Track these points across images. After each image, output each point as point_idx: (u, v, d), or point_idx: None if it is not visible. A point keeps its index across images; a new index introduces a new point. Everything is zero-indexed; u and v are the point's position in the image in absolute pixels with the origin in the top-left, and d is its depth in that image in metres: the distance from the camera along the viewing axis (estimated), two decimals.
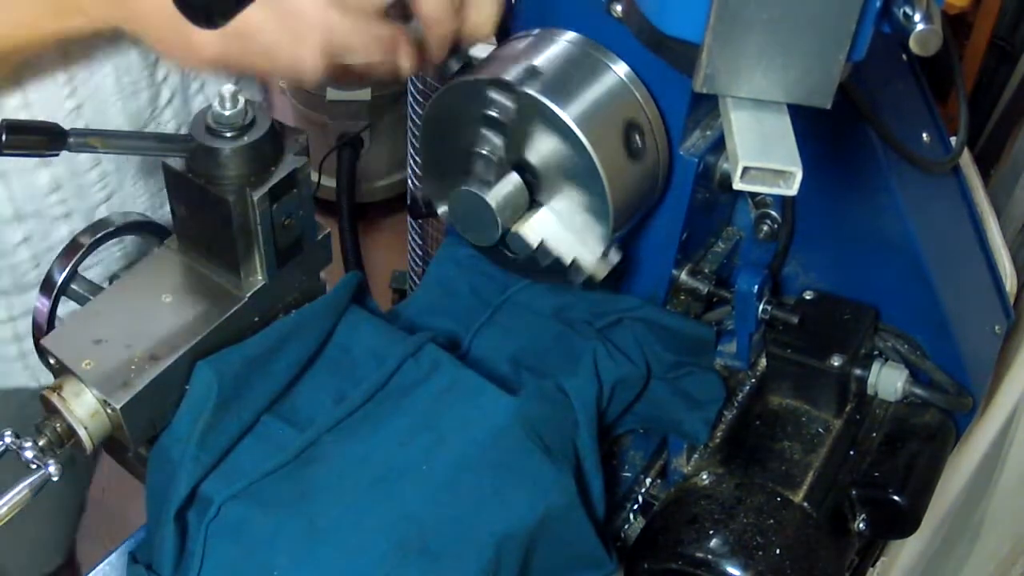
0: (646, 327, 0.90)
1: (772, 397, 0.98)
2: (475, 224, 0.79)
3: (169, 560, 0.74)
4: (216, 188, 0.73)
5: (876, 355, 0.99)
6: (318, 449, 0.77)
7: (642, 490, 0.97)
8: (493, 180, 0.79)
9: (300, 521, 0.73)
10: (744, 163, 0.64)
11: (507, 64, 0.78)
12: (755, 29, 0.63)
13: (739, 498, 0.89)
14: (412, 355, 0.82)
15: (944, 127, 1.00)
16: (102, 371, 0.73)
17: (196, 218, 0.77)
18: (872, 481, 0.92)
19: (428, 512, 0.74)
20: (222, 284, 0.78)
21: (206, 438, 0.74)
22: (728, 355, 0.97)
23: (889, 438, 0.96)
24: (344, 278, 0.83)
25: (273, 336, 0.78)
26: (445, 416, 0.79)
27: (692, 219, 0.89)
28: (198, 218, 0.77)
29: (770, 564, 0.84)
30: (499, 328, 0.90)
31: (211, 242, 0.78)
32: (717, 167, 0.88)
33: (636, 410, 0.90)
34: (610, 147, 0.78)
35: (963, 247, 1.04)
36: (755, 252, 1.00)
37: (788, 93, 0.65)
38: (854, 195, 0.94)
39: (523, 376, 0.86)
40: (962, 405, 0.98)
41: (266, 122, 0.74)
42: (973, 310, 1.04)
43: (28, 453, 0.72)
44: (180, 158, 0.74)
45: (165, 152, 0.75)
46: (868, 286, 0.98)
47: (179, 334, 0.75)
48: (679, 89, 0.81)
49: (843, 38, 0.63)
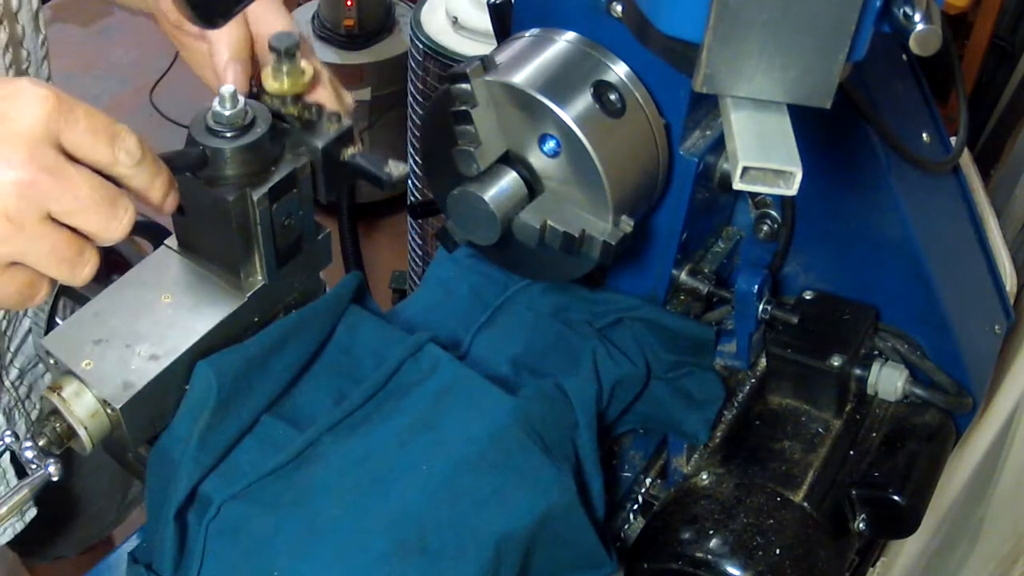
0: (646, 327, 0.90)
1: (772, 397, 0.98)
2: (475, 224, 0.79)
3: (169, 560, 0.74)
4: (216, 188, 0.73)
5: (876, 355, 0.99)
6: (318, 449, 0.77)
7: (642, 490, 0.97)
8: (487, 178, 0.79)
9: (300, 521, 0.73)
10: (744, 163, 0.64)
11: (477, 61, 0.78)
12: (755, 29, 0.63)
13: (739, 498, 0.89)
14: (412, 355, 0.82)
15: (944, 127, 1.00)
16: (102, 371, 0.73)
17: (196, 218, 0.77)
18: (872, 481, 0.92)
19: (428, 512, 0.74)
20: (222, 284, 0.78)
21: (206, 438, 0.74)
22: (728, 355, 0.97)
23: (889, 438, 0.96)
24: (344, 278, 0.83)
25: (273, 336, 0.78)
26: (445, 416, 0.79)
27: (692, 219, 0.89)
28: (198, 218, 0.77)
29: (770, 564, 0.84)
30: (499, 328, 0.90)
31: (211, 242, 0.78)
32: (717, 167, 0.88)
33: (636, 410, 0.90)
34: (582, 109, 0.77)
35: (963, 247, 1.04)
36: (755, 252, 1.00)
37: (788, 93, 0.65)
38: (854, 195, 0.94)
39: (523, 376, 0.86)
40: (962, 405, 0.98)
41: (266, 122, 0.74)
42: (973, 310, 1.04)
43: (28, 453, 0.72)
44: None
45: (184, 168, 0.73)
46: (868, 286, 0.98)
47: (179, 334, 0.75)
48: (679, 89, 0.81)
49: (843, 38, 0.63)
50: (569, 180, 0.79)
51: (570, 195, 0.79)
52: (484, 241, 0.80)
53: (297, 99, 0.77)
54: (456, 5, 2.13)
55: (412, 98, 2.22)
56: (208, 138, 0.72)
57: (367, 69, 2.73)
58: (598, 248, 0.78)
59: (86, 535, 1.50)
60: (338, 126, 0.78)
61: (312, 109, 0.78)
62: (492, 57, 0.79)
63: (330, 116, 0.78)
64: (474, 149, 0.77)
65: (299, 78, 0.77)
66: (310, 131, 0.77)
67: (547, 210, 0.79)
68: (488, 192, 0.78)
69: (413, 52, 2.14)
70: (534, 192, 0.80)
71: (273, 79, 0.76)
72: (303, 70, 0.77)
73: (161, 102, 3.32)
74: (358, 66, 2.73)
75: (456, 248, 0.84)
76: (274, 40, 0.76)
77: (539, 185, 0.80)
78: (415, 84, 2.17)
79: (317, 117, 0.78)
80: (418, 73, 2.13)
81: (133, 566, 0.78)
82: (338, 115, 0.78)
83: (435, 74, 2.08)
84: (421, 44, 2.09)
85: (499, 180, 0.79)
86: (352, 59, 2.72)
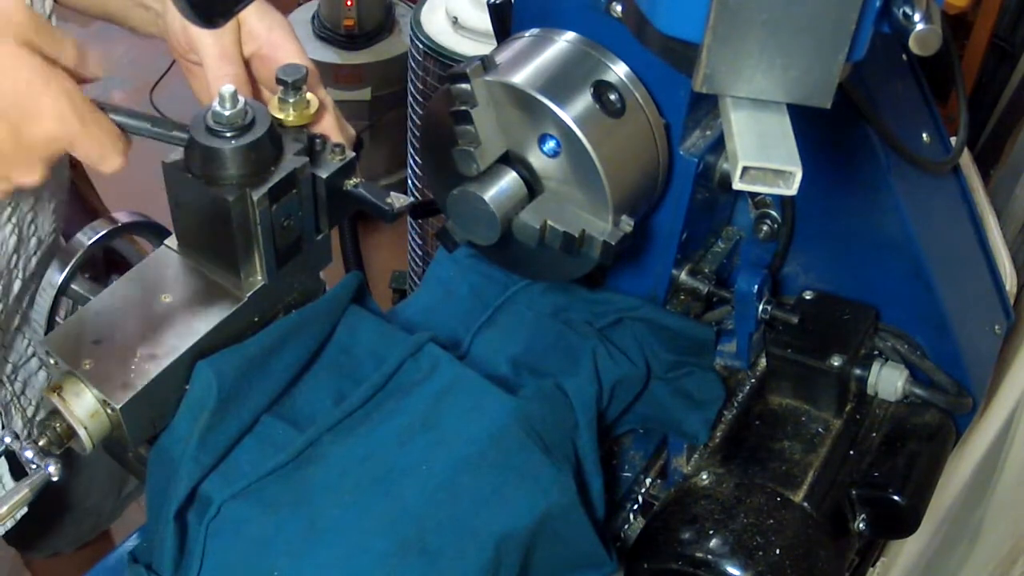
0: (646, 327, 0.90)
1: (772, 397, 0.98)
2: (475, 224, 0.79)
3: (169, 560, 0.74)
4: (216, 188, 0.73)
5: (876, 355, 0.99)
6: (318, 449, 0.77)
7: (642, 490, 0.97)
8: (487, 178, 0.79)
9: (300, 521, 0.73)
10: (744, 163, 0.64)
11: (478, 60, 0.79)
12: (755, 29, 0.63)
13: (739, 498, 0.89)
14: (412, 355, 0.82)
15: (944, 127, 1.00)
16: (102, 371, 0.73)
17: (196, 218, 0.77)
18: (872, 481, 0.92)
19: (428, 512, 0.74)
20: (222, 284, 0.78)
21: (206, 438, 0.74)
22: (728, 355, 0.97)
23: (889, 438, 0.96)
24: (344, 278, 0.83)
25: (273, 336, 0.78)
26: (445, 416, 0.79)
27: (692, 219, 0.89)
28: (198, 218, 0.77)
29: (770, 564, 0.84)
30: (499, 328, 0.90)
31: (211, 242, 0.78)
32: (717, 167, 0.88)
33: (636, 410, 0.90)
34: (582, 109, 0.78)
35: (963, 247, 1.04)
36: (755, 252, 1.00)
37: (788, 93, 0.65)
38: (854, 195, 0.94)
39: (523, 376, 0.86)
40: (962, 405, 0.98)
41: (266, 122, 0.74)
42: (973, 310, 1.04)
43: (28, 453, 0.72)
44: (178, 143, 0.74)
45: (160, 136, 0.75)
46: (868, 286, 0.98)
47: (179, 334, 0.75)
48: (679, 89, 0.81)
49: (843, 38, 0.63)
50: (569, 180, 0.79)
51: (570, 195, 0.79)
52: (484, 241, 0.80)
53: (302, 130, 0.78)
54: (456, 5, 2.13)
55: (412, 98, 2.22)
56: (208, 138, 0.72)
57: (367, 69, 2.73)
58: (598, 248, 0.78)
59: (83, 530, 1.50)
60: (342, 157, 0.79)
61: (317, 140, 0.79)
62: (492, 57, 0.79)
63: (334, 147, 0.79)
64: (474, 149, 0.77)
65: (305, 109, 0.78)
66: (314, 162, 0.78)
67: (547, 210, 0.79)
68: (488, 192, 0.78)
69: (413, 52, 2.14)
70: (534, 192, 0.80)
71: (279, 110, 0.77)
72: (309, 101, 0.78)
73: (161, 102, 3.32)
74: (358, 66, 2.72)
75: (456, 248, 0.84)
76: (282, 72, 0.77)
77: (539, 185, 0.80)
78: (415, 84, 2.17)
79: (321, 148, 0.79)
80: (418, 73, 2.13)
81: (133, 566, 0.78)
82: (342, 146, 0.79)
83: (435, 74, 2.08)
84: (421, 44, 2.09)
85: (499, 180, 0.79)
86: (352, 59, 2.72)
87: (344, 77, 2.72)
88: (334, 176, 0.79)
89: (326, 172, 0.79)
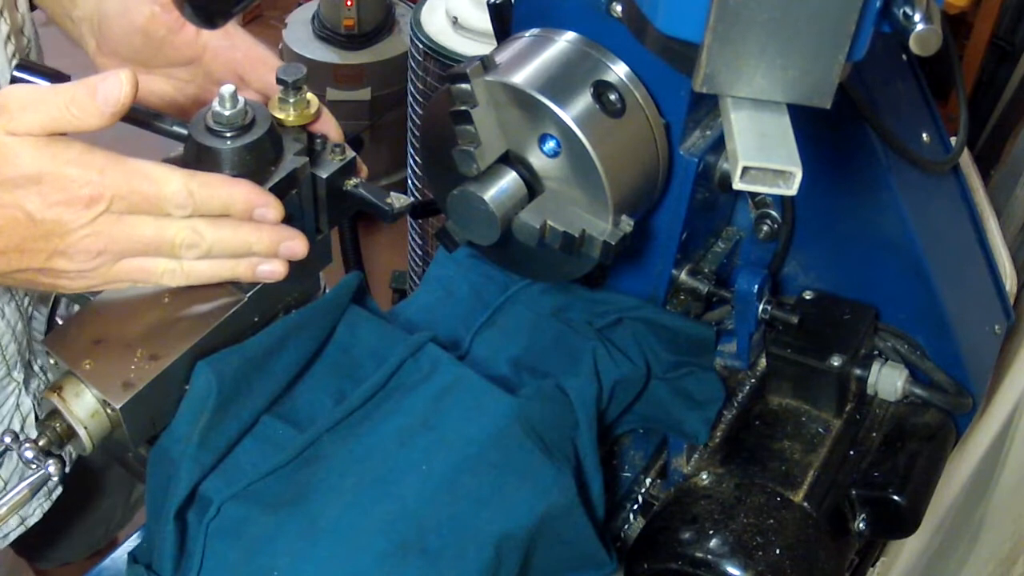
0: (646, 327, 0.90)
1: (772, 397, 0.98)
2: (475, 224, 0.79)
3: (169, 560, 0.74)
4: None
5: (876, 355, 0.99)
6: (318, 449, 0.77)
7: (642, 490, 0.97)
8: (487, 178, 0.79)
9: (300, 521, 0.73)
10: (744, 163, 0.64)
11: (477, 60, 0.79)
12: (755, 29, 0.63)
13: (739, 498, 0.89)
14: (412, 355, 0.82)
15: (944, 127, 1.00)
16: (102, 371, 0.73)
17: None
18: (872, 481, 0.92)
19: (428, 512, 0.74)
20: (222, 284, 0.78)
21: (206, 438, 0.74)
22: (728, 355, 0.97)
23: (889, 438, 0.96)
24: (344, 278, 0.83)
25: (273, 336, 0.78)
26: (445, 416, 0.79)
27: (692, 219, 0.89)
28: None
29: (770, 564, 0.84)
30: (499, 328, 0.90)
31: None
32: (717, 167, 0.88)
33: (636, 410, 0.90)
34: (582, 109, 0.78)
35: (963, 247, 1.04)
36: (755, 252, 1.00)
37: (788, 93, 0.65)
38: (854, 195, 0.94)
39: (523, 376, 0.86)
40: (962, 405, 0.98)
41: (266, 122, 0.74)
42: (973, 310, 1.04)
43: (28, 453, 0.72)
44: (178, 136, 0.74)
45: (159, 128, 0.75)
46: (868, 286, 0.98)
47: (179, 334, 0.75)
48: (679, 89, 0.81)
49: (843, 38, 0.63)
50: (569, 180, 0.79)
51: (570, 195, 0.79)
52: (484, 241, 0.80)
53: (302, 130, 0.78)
54: (456, 5, 2.13)
55: (412, 98, 2.22)
56: (208, 138, 0.72)
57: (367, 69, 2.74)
58: (598, 248, 0.78)
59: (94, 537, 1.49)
60: (342, 157, 0.79)
61: (317, 140, 0.79)
62: (492, 57, 0.79)
63: (334, 147, 0.79)
64: (474, 149, 0.77)
65: (305, 109, 0.77)
66: (314, 162, 0.78)
67: (547, 210, 0.79)
68: (488, 192, 0.78)
69: (413, 52, 2.14)
70: (534, 192, 0.80)
71: (280, 110, 0.77)
72: (309, 101, 0.78)
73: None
74: (358, 66, 2.73)
75: (456, 248, 0.84)
76: (282, 72, 0.77)
77: (539, 185, 0.80)
78: (415, 84, 2.17)
79: (321, 148, 0.79)
80: (418, 73, 2.14)
81: (133, 566, 0.78)
82: (342, 146, 0.79)
83: (435, 74, 2.08)
84: (421, 44, 2.09)
85: (499, 180, 0.79)
86: (352, 59, 2.73)
87: (344, 77, 2.72)
88: (334, 176, 0.79)
89: (326, 172, 0.79)
